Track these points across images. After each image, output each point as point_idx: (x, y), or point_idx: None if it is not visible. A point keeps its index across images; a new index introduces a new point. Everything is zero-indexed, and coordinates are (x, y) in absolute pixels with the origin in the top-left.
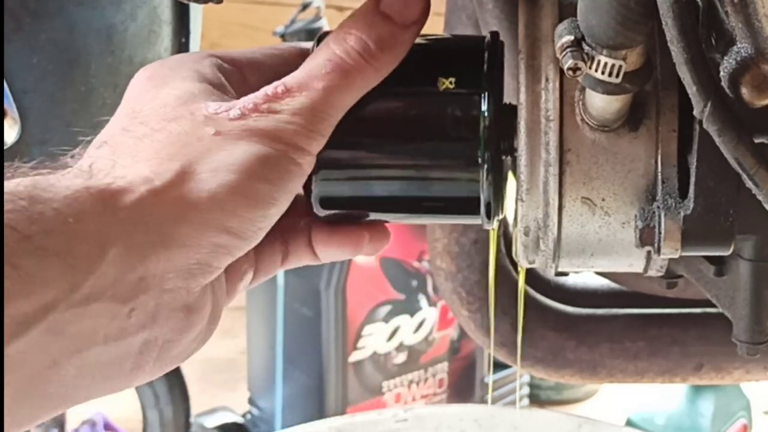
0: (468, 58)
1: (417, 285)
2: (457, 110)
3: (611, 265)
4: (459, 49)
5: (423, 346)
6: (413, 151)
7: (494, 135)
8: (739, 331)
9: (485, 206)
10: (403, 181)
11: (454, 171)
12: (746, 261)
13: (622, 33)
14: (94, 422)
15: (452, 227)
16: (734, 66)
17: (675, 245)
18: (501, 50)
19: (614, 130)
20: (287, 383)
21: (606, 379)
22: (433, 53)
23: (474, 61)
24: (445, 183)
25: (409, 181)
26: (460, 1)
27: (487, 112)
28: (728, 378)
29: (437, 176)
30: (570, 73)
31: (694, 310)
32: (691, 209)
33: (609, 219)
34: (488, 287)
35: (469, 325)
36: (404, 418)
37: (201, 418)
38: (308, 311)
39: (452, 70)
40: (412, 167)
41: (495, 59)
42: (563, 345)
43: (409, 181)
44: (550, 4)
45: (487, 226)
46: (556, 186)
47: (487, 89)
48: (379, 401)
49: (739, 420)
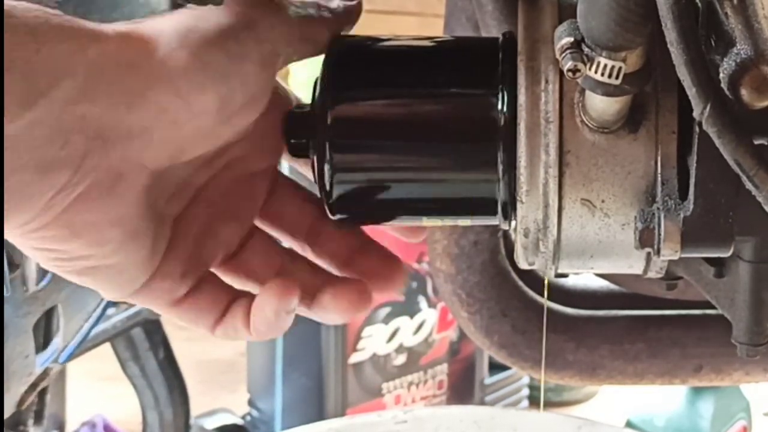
0: (483, 58)
1: (417, 286)
2: (474, 111)
3: (611, 266)
4: (474, 50)
5: (423, 347)
6: (429, 152)
7: (511, 135)
8: (738, 332)
9: (502, 206)
10: (418, 182)
11: (471, 171)
12: (746, 262)
13: (621, 34)
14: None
15: (452, 229)
16: (734, 67)
17: (675, 247)
18: (515, 50)
19: (614, 131)
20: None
21: (605, 381)
22: (449, 54)
23: (490, 61)
24: (462, 184)
25: (425, 183)
26: (459, 3)
27: (504, 113)
28: (728, 379)
29: (454, 177)
30: (570, 75)
31: (694, 312)
32: (691, 211)
33: (609, 220)
34: (487, 289)
35: (469, 326)
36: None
37: (201, 419)
38: None
39: (468, 70)
40: (428, 169)
41: (510, 59)
42: (563, 346)
43: (425, 182)
44: (550, 5)
45: (504, 226)
46: (556, 187)
47: (503, 89)
48: (379, 403)
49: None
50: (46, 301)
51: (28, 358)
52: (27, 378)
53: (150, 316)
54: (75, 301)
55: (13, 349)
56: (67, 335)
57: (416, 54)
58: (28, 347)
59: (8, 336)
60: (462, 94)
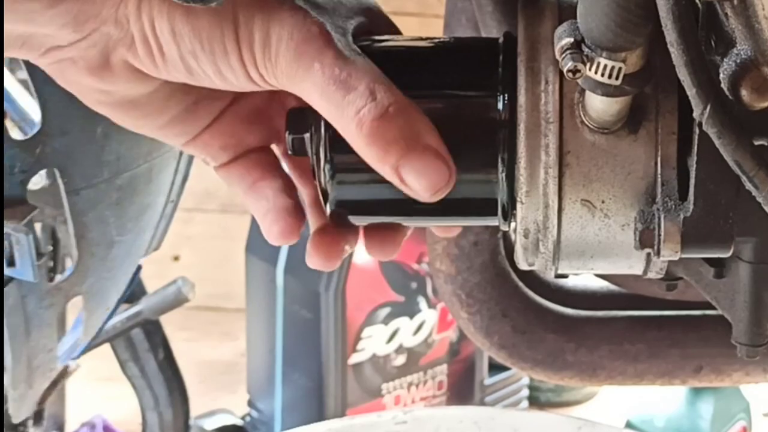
0: (483, 59)
1: (416, 287)
2: (474, 111)
3: (611, 267)
4: (474, 51)
5: (422, 348)
6: None
7: (511, 135)
8: (738, 333)
9: (502, 207)
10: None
11: (471, 172)
12: (746, 263)
13: (621, 35)
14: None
15: None
16: (734, 68)
17: (675, 247)
18: (515, 51)
19: (614, 132)
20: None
21: (605, 382)
22: (448, 55)
23: (489, 62)
24: (462, 185)
25: None
26: (459, 4)
27: (503, 113)
28: (728, 380)
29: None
30: (570, 75)
31: (694, 313)
32: (691, 211)
33: (609, 221)
34: (487, 289)
35: (469, 327)
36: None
37: (200, 420)
38: (308, 313)
39: (468, 71)
40: None
41: (511, 60)
42: (563, 347)
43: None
44: (550, 6)
45: (504, 228)
46: (556, 188)
47: (503, 91)
48: (379, 403)
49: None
50: (69, 293)
51: (51, 352)
52: (50, 373)
53: (150, 317)
54: (97, 293)
55: (37, 342)
56: (89, 329)
57: (416, 54)
58: (51, 341)
59: (32, 328)
60: (462, 94)
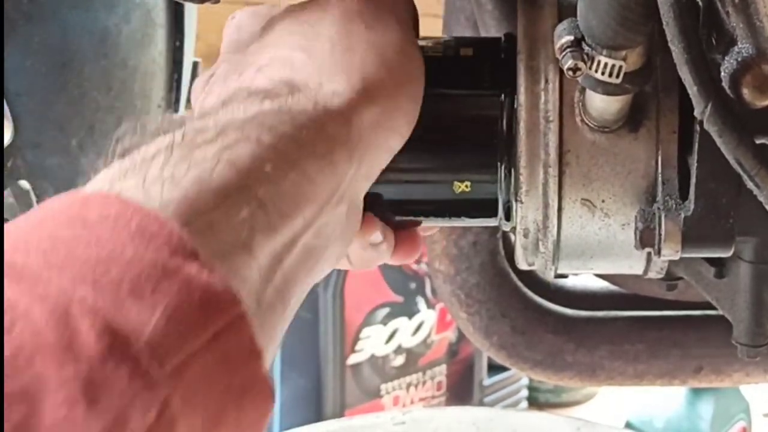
0: (483, 58)
1: (415, 287)
2: (473, 110)
3: (611, 267)
4: (474, 50)
5: (421, 348)
6: (430, 152)
7: (510, 135)
8: (739, 333)
9: (502, 207)
10: (420, 183)
11: (471, 172)
12: (747, 263)
13: (622, 33)
14: None
15: (450, 229)
16: (735, 66)
17: (675, 247)
18: (515, 50)
19: (614, 131)
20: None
21: (605, 382)
22: (448, 55)
23: (489, 61)
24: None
25: (426, 184)
26: (458, 3)
27: (503, 112)
28: (728, 380)
29: (453, 178)
30: (570, 74)
31: (694, 313)
32: (692, 211)
33: (609, 221)
34: (487, 289)
35: (468, 327)
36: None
37: None
38: (306, 313)
39: (467, 70)
40: (429, 169)
41: (510, 59)
42: (562, 347)
43: (424, 182)
44: (550, 5)
45: (505, 227)
46: (556, 187)
47: (504, 90)
48: (378, 404)
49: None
50: None
51: None
52: None
53: None
54: None
55: None
56: None
57: None
58: None
59: None
60: (461, 94)
